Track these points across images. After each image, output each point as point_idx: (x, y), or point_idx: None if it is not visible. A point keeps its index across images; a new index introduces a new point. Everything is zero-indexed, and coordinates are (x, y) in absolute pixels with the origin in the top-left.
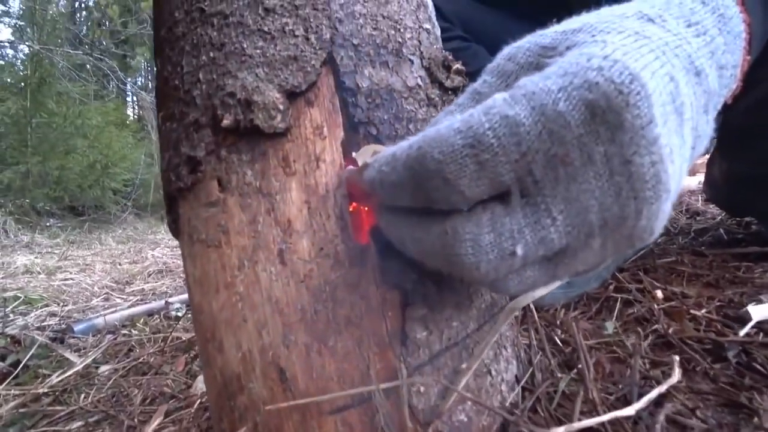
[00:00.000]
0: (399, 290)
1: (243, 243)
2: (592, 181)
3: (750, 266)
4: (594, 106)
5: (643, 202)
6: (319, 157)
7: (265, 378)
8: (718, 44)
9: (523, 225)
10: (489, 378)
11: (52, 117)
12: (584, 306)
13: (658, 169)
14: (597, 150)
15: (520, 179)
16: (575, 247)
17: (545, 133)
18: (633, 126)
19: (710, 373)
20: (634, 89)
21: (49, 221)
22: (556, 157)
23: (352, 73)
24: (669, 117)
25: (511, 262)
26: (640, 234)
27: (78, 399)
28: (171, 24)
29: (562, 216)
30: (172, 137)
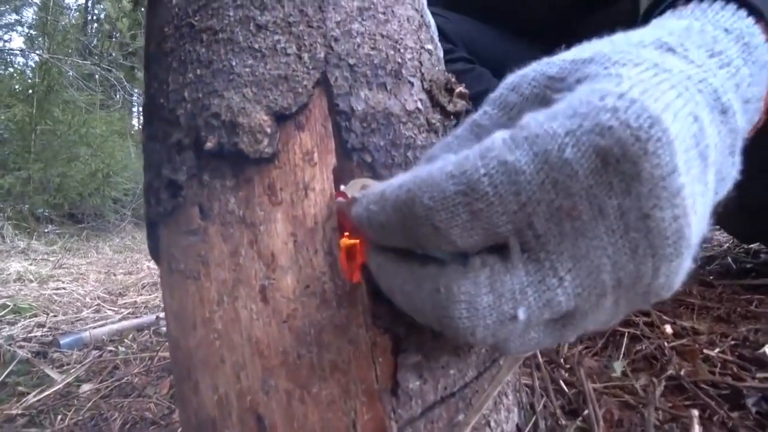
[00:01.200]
0: (391, 334)
1: (223, 276)
2: (604, 237)
3: (762, 299)
4: (607, 154)
5: (663, 260)
6: (308, 186)
7: (242, 425)
8: (744, 76)
9: (525, 285)
10: (488, 430)
11: (57, 125)
12: (589, 340)
13: (681, 223)
14: (610, 203)
15: (519, 232)
16: (585, 309)
17: (549, 183)
18: (652, 177)
19: (728, 423)
20: (654, 135)
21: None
22: (561, 209)
23: (347, 95)
24: (693, 163)
25: (512, 327)
26: (657, 291)
27: (54, 421)
28: (160, 39)
29: (570, 276)
30: (154, 158)
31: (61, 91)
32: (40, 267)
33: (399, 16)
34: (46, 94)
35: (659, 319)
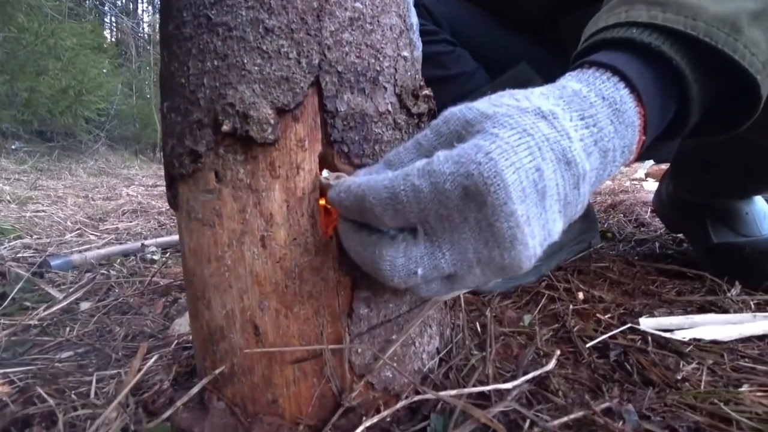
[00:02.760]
0: (351, 276)
1: (233, 227)
2: (468, 232)
3: (664, 281)
4: (468, 189)
5: (504, 250)
6: (300, 166)
7: (243, 331)
8: (606, 132)
9: (423, 254)
10: (413, 348)
11: (22, 33)
12: (517, 297)
13: (515, 231)
14: (470, 215)
15: (422, 223)
16: (462, 273)
17: (436, 201)
18: (493, 204)
19: (592, 365)
20: (495, 182)
21: (15, 144)
22: (443, 216)
23: (334, 97)
24: (528, 196)
25: (415, 279)
26: (509, 269)
27: (64, 332)
28: (179, 22)
29: (449, 252)
30: (176, 128)
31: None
32: (15, 188)
33: (383, 25)
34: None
35: (576, 287)
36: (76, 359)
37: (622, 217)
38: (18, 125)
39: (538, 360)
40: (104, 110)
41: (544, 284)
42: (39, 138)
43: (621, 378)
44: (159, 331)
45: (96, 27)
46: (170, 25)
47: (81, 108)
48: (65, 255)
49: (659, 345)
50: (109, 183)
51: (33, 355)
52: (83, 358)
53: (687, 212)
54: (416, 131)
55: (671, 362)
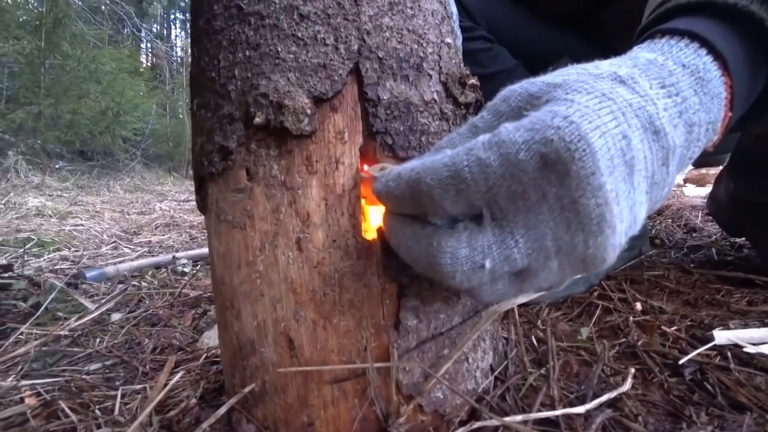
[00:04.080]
0: (397, 283)
1: (266, 228)
2: (546, 214)
3: (730, 290)
4: (547, 158)
5: (590, 235)
6: (339, 160)
7: (275, 345)
8: (691, 104)
9: (491, 242)
10: (466, 364)
11: (66, 59)
12: (567, 308)
13: (603, 209)
14: (549, 190)
15: (489, 205)
16: (536, 267)
17: (507, 175)
18: (578, 175)
19: (665, 385)
20: (580, 147)
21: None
22: (516, 193)
23: (375, 84)
24: (617, 168)
25: (481, 274)
26: (591, 260)
27: (94, 343)
28: (209, 16)
29: (523, 239)
30: (206, 125)
31: (70, 23)
32: (57, 203)
33: (425, 10)
34: (54, 27)
35: (633, 297)
36: (103, 372)
37: (670, 222)
38: (61, 145)
39: (603, 378)
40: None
41: (596, 294)
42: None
43: (702, 400)
44: (187, 343)
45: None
46: (200, 20)
47: (119, 128)
48: (100, 267)
49: (742, 361)
50: (143, 198)
51: (62, 366)
52: (111, 370)
53: (750, 213)
54: (464, 123)
55: (761, 382)
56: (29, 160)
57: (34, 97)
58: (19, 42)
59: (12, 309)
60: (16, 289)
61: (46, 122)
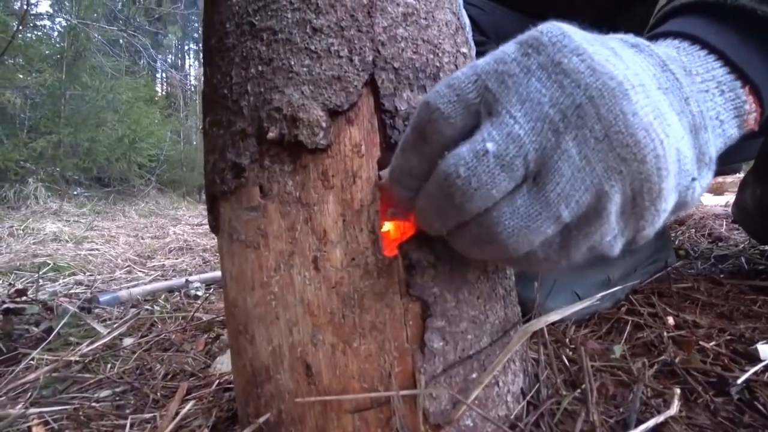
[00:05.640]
0: (421, 302)
1: (280, 247)
2: (536, 83)
3: (766, 300)
4: (521, 40)
5: (590, 89)
6: (356, 174)
7: (292, 371)
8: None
9: (491, 129)
10: (496, 389)
11: (86, 90)
12: (595, 325)
13: (590, 62)
14: (530, 63)
15: (482, 96)
16: (549, 150)
17: (492, 61)
18: (552, 42)
19: (711, 406)
20: (546, 26)
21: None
22: (503, 73)
23: (392, 95)
24: (595, 44)
25: (486, 159)
26: (608, 126)
27: (105, 369)
28: (222, 34)
29: (521, 113)
30: (218, 143)
31: (89, 56)
32: (73, 228)
33: (438, 21)
34: (74, 59)
35: (663, 311)
36: (113, 399)
37: (694, 232)
38: (80, 172)
39: (644, 400)
40: (155, 156)
41: (624, 310)
42: (97, 183)
43: (754, 421)
44: (200, 369)
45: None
46: (213, 39)
47: (134, 155)
48: (114, 291)
49: None
50: (157, 223)
51: (72, 393)
52: (121, 398)
53: None
54: None
55: None
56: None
57: (55, 127)
58: (41, 74)
59: (24, 334)
60: (29, 313)
61: (65, 150)
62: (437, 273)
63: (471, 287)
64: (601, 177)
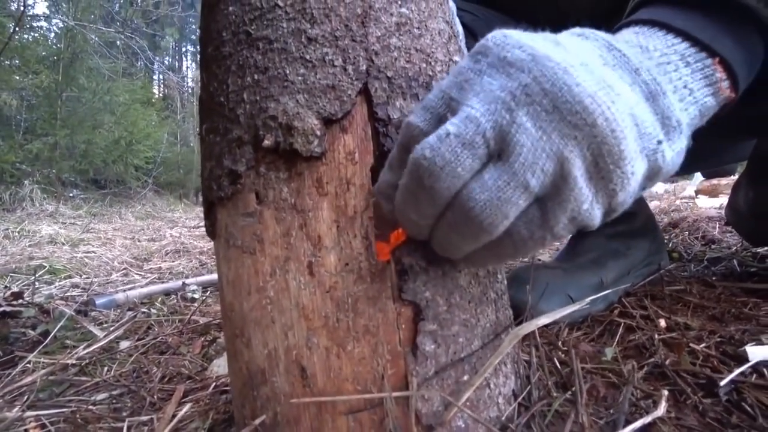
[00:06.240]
0: (413, 306)
1: (276, 253)
2: (488, 79)
3: (758, 303)
4: (473, 51)
5: (533, 73)
6: (350, 181)
7: (287, 374)
8: (631, 38)
9: (452, 120)
10: (487, 391)
11: (82, 92)
12: (587, 327)
13: (529, 50)
14: (481, 66)
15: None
16: (503, 124)
17: (453, 75)
18: (495, 43)
19: (699, 407)
20: (492, 33)
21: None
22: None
23: (385, 104)
24: (537, 39)
25: (448, 140)
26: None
27: (102, 372)
28: (218, 43)
29: (476, 101)
30: (215, 150)
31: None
32: (69, 231)
33: (431, 30)
34: (71, 61)
35: (655, 313)
36: (110, 402)
37: (687, 234)
38: (76, 174)
39: (633, 402)
40: (151, 158)
41: (617, 312)
42: (94, 186)
43: (742, 422)
44: (196, 372)
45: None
46: (210, 47)
47: (131, 157)
48: (110, 294)
49: None
50: (154, 225)
51: (68, 397)
52: (118, 400)
53: None
54: None
55: None
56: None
57: (51, 129)
58: (37, 76)
59: (21, 337)
60: (25, 316)
61: (61, 152)
62: (429, 277)
63: (462, 291)
64: (558, 144)
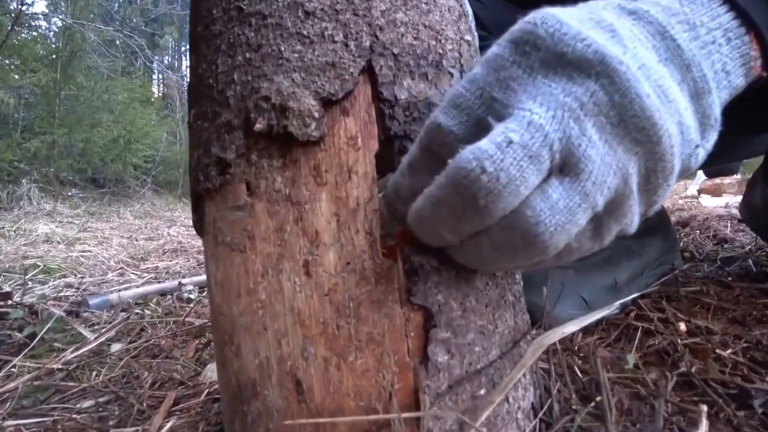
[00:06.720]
0: (423, 311)
1: (268, 250)
2: (542, 80)
3: None
4: (517, 40)
5: (601, 77)
6: (352, 169)
7: (281, 387)
8: (679, 10)
9: (507, 124)
10: (506, 406)
11: (81, 90)
12: (603, 332)
13: (595, 47)
14: (533, 62)
15: (489, 108)
16: (574, 138)
17: (490, 69)
18: (548, 33)
19: (734, 421)
20: (539, 18)
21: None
22: (506, 78)
23: (391, 83)
24: (592, 29)
25: (512, 151)
26: (624, 110)
27: (90, 377)
28: (208, 21)
29: (536, 104)
30: (203, 136)
31: (84, 56)
32: (66, 230)
33: (440, 6)
34: (69, 60)
35: (674, 316)
36: (96, 410)
37: (698, 234)
38: (74, 173)
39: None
40: (150, 157)
41: (633, 315)
42: (92, 184)
43: None
44: (189, 377)
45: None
46: (199, 26)
47: (130, 156)
48: (104, 294)
49: None
50: (152, 224)
51: (52, 404)
52: (104, 408)
53: None
54: None
55: None
56: (42, 188)
57: (49, 127)
58: (35, 74)
59: (6, 339)
60: (12, 318)
61: (59, 151)
62: (441, 279)
63: (479, 294)
64: (623, 159)
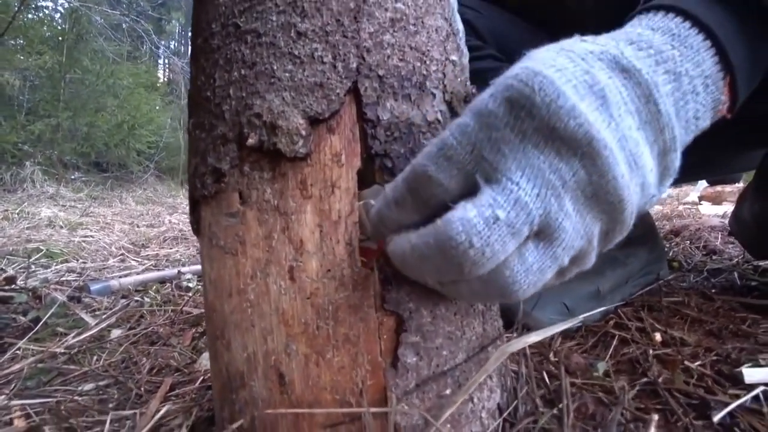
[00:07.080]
0: (396, 316)
1: (257, 255)
2: (533, 150)
3: (756, 319)
4: (512, 99)
5: (586, 158)
6: (335, 184)
7: (265, 379)
8: (669, 55)
9: (495, 195)
10: (470, 405)
11: (86, 74)
12: (581, 338)
13: (586, 128)
14: (526, 127)
15: (478, 165)
16: (553, 214)
17: (483, 126)
18: (544, 102)
19: (690, 430)
20: (537, 80)
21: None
22: (498, 140)
23: (375, 104)
24: (585, 96)
25: (498, 228)
26: (604, 193)
27: (90, 361)
28: (207, 35)
29: (524, 179)
30: (200, 146)
31: (90, 40)
32: (69, 214)
33: (428, 27)
34: (75, 43)
35: (651, 326)
36: (96, 393)
37: (689, 244)
38: (77, 157)
39: (622, 422)
40: (154, 143)
41: (612, 323)
42: (95, 168)
43: None
44: (185, 364)
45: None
46: (199, 39)
47: (133, 141)
48: (105, 280)
49: None
50: (154, 211)
51: (55, 386)
52: (104, 392)
53: None
54: None
55: None
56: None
57: (53, 110)
58: (41, 56)
59: (11, 323)
60: (17, 302)
61: (63, 134)
62: (414, 288)
63: (448, 303)
64: (590, 225)
